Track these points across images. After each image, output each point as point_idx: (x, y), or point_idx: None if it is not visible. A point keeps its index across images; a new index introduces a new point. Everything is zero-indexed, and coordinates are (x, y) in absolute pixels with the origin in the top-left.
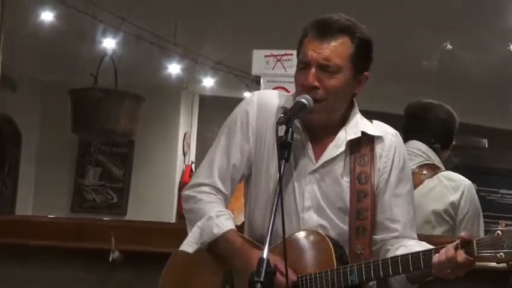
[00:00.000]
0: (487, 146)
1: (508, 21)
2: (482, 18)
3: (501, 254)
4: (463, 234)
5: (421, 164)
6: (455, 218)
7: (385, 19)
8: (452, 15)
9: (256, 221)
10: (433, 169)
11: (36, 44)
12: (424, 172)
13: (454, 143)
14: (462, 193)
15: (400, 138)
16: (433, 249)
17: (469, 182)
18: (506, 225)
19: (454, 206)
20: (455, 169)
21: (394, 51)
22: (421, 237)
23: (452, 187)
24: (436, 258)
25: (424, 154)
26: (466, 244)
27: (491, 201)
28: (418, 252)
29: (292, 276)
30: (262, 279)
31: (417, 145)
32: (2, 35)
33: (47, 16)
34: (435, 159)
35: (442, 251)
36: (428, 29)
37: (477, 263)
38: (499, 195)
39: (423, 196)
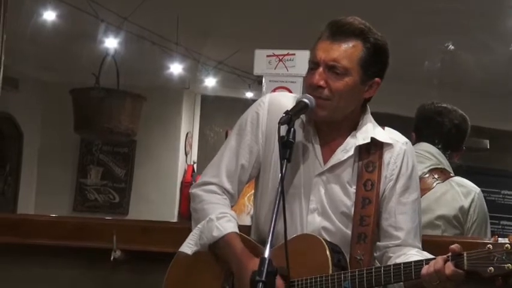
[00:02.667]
0: (488, 147)
1: (510, 23)
2: (484, 19)
3: (491, 268)
4: (452, 246)
5: (432, 168)
6: (464, 225)
7: (387, 20)
8: (455, 16)
9: (262, 221)
10: (444, 174)
11: (39, 44)
12: (436, 176)
13: (464, 148)
14: (472, 200)
15: (411, 146)
16: (424, 259)
17: (479, 189)
18: (498, 239)
19: (464, 212)
20: (458, 170)
21: (396, 52)
22: (431, 238)
23: (462, 193)
24: (424, 269)
25: (434, 158)
26: (456, 256)
27: (492, 202)
28: (411, 262)
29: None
30: (263, 279)
31: (428, 148)
32: (5, 35)
33: (49, 15)
34: (445, 164)
35: (431, 262)
36: (431, 30)
37: None
38: (501, 196)
39: (435, 201)
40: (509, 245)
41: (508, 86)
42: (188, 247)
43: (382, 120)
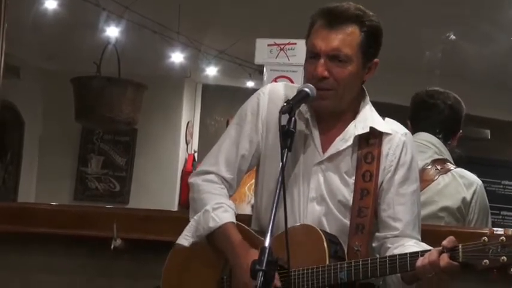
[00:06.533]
0: (489, 137)
1: None
2: (486, 9)
3: (486, 261)
4: (444, 242)
5: (434, 158)
6: (466, 217)
7: (388, 10)
8: (456, 6)
9: (262, 210)
10: (446, 164)
11: (40, 32)
12: (439, 168)
13: (461, 131)
14: (474, 192)
15: (411, 137)
16: (420, 251)
17: (481, 181)
18: (494, 231)
19: (466, 204)
20: (458, 160)
21: (397, 42)
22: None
23: (465, 184)
24: (419, 261)
25: (435, 147)
26: (451, 249)
27: (493, 192)
28: (406, 254)
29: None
30: (263, 268)
31: (427, 137)
32: (6, 23)
33: (51, 4)
34: (446, 153)
35: (426, 254)
36: (432, 20)
37: None
38: (501, 186)
39: (438, 192)
40: (504, 238)
41: (509, 76)
42: (185, 239)
43: (383, 110)
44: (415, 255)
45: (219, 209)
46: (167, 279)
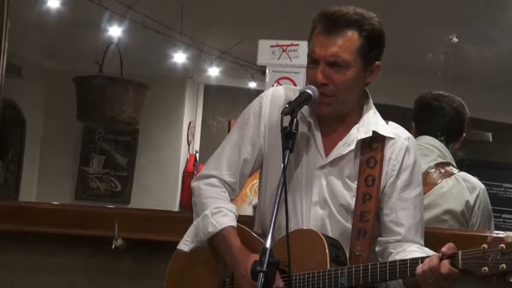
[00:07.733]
0: (491, 140)
1: None
2: (488, 12)
3: (485, 268)
4: (444, 249)
5: (438, 162)
6: (469, 221)
7: (391, 11)
8: (459, 8)
9: (265, 213)
10: (449, 168)
11: (42, 31)
12: (442, 171)
13: (464, 135)
14: (477, 196)
15: (414, 141)
16: (420, 258)
17: (483, 185)
18: (494, 238)
19: (469, 207)
20: (460, 163)
21: (399, 44)
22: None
23: (468, 188)
24: (419, 268)
25: (438, 150)
26: (451, 255)
27: (494, 195)
28: (406, 260)
29: (279, 283)
30: (264, 269)
31: (431, 141)
32: (9, 22)
33: (53, 3)
34: (449, 157)
35: (426, 260)
36: (435, 22)
37: None
38: (502, 189)
39: (441, 196)
40: (504, 245)
41: (511, 79)
42: (185, 244)
43: (385, 112)
44: (415, 261)
45: (218, 214)
46: (169, 282)
